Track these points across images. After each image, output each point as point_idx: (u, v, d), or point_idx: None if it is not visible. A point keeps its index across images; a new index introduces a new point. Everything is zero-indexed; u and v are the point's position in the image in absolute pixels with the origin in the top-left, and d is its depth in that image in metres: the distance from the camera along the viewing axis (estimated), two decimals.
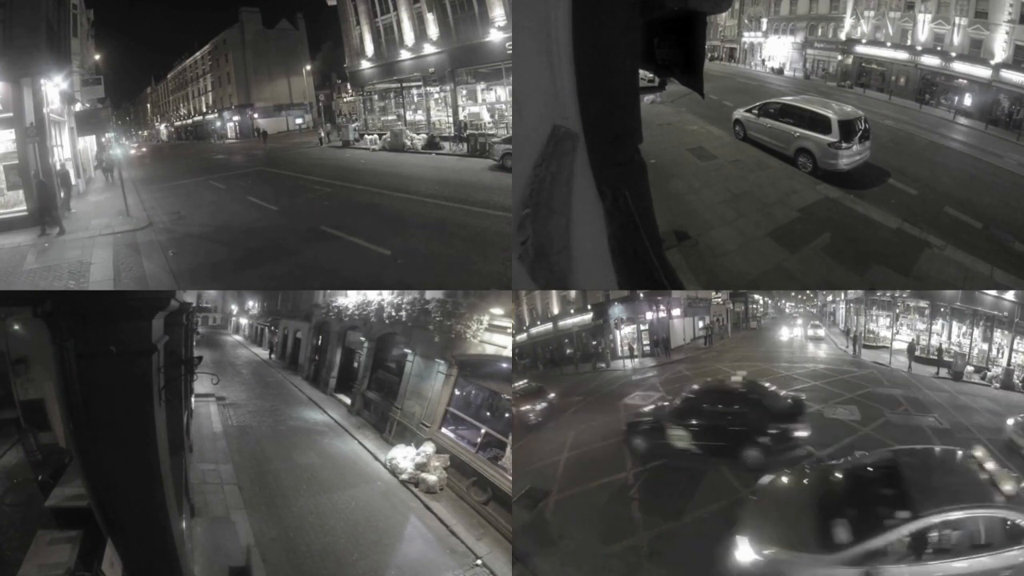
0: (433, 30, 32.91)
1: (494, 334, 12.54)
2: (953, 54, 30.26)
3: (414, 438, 13.57)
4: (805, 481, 7.12)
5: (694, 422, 9.85)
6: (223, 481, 11.70)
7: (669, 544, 7.47)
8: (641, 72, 4.46)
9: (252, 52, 65.22)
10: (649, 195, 4.24)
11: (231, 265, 13.12)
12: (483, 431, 12.31)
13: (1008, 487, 6.01)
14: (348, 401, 18.84)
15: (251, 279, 12.98)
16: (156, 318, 5.52)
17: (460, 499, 11.40)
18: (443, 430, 13.28)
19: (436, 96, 34.95)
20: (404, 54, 36.12)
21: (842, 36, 36.98)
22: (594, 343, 27.44)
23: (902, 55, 32.89)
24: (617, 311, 26.90)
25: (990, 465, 6.38)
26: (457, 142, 30.37)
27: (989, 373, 17.37)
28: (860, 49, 35.74)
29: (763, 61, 43.38)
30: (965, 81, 29.73)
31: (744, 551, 6.03)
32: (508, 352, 12.38)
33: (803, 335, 32.01)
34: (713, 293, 30.26)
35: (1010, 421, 11.26)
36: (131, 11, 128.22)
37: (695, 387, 11.27)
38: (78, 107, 24.53)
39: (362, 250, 12.91)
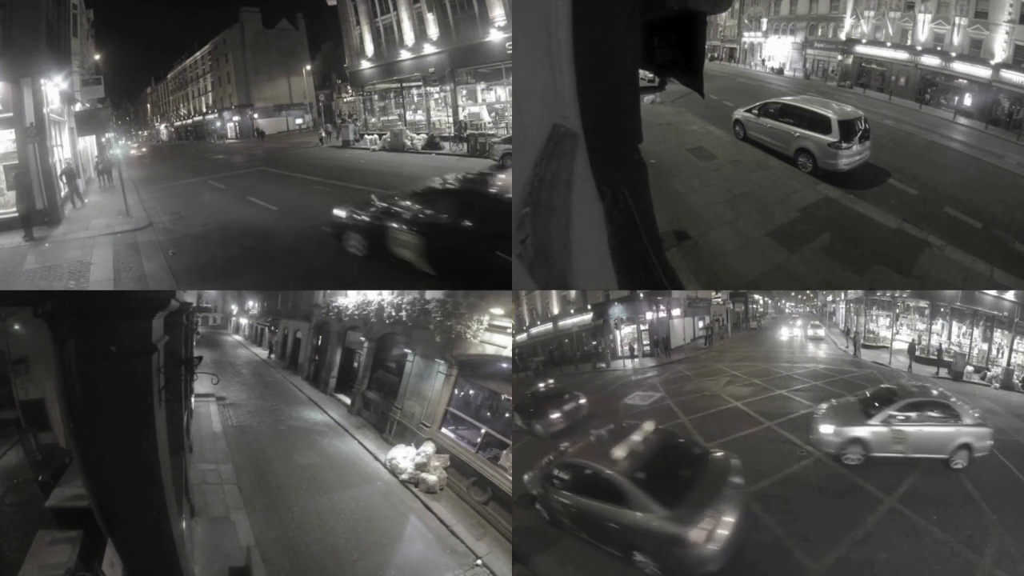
0: (433, 30, 32.91)
1: (494, 334, 12.55)
2: (953, 54, 30.26)
3: (414, 438, 13.57)
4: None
5: (527, 409, 14.14)
6: (223, 481, 11.70)
7: None
8: (641, 72, 4.47)
9: (252, 52, 65.25)
10: (649, 195, 4.25)
11: (231, 265, 13.12)
12: (483, 431, 12.32)
13: (617, 453, 7.45)
14: (348, 401, 18.83)
15: (251, 279, 12.96)
16: (156, 318, 5.52)
17: (460, 499, 11.41)
18: (443, 430, 13.28)
19: (436, 96, 34.96)
20: (404, 54, 36.13)
21: (842, 36, 36.97)
22: (594, 343, 27.44)
23: (902, 55, 32.89)
24: (617, 311, 26.89)
25: (635, 436, 7.88)
26: (457, 142, 30.37)
27: (989, 373, 17.35)
28: (860, 49, 35.74)
29: (763, 61, 43.37)
30: (965, 81, 29.73)
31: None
32: (508, 352, 12.39)
33: (803, 335, 32.00)
34: (713, 293, 30.25)
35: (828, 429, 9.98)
36: (131, 11, 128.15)
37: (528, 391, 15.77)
38: (78, 107, 24.48)
39: None
